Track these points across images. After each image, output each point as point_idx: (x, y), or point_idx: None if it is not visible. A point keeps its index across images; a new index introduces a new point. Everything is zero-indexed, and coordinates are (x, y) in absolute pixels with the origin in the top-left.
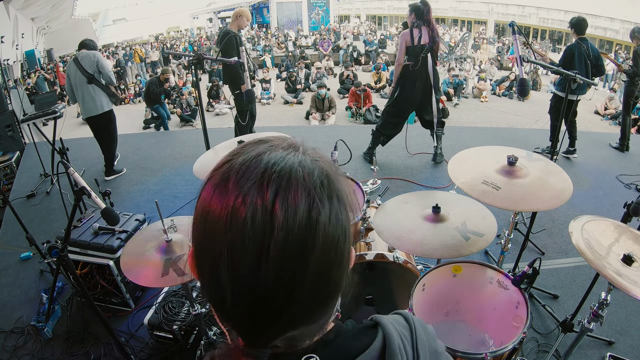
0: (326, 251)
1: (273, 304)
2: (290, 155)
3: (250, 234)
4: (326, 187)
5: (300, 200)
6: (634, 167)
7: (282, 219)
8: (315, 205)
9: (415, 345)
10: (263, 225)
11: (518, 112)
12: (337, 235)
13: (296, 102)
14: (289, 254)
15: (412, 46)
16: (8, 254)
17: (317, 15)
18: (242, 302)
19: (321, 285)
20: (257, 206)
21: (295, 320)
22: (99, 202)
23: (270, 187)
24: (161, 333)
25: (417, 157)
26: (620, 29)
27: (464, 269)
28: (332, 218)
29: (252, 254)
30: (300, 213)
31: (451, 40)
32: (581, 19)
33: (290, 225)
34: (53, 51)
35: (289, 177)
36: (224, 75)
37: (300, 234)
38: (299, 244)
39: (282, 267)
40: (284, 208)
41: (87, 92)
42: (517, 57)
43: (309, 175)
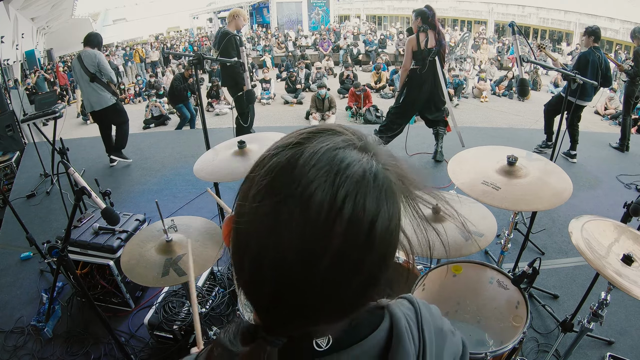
0: (377, 261)
1: (311, 301)
2: (364, 159)
3: (315, 225)
4: (390, 197)
5: (368, 206)
6: (634, 167)
7: (347, 221)
8: (379, 215)
9: (421, 325)
10: (330, 220)
11: (518, 112)
12: (392, 248)
13: (296, 102)
14: (346, 256)
15: (418, 50)
16: (8, 254)
17: (317, 15)
18: (282, 290)
19: (361, 293)
20: (327, 200)
21: (325, 319)
22: (99, 202)
23: (341, 187)
24: (161, 333)
25: (417, 157)
26: (620, 29)
27: (464, 269)
28: (390, 229)
29: (311, 246)
30: (365, 220)
31: (451, 40)
32: (598, 28)
33: (354, 229)
34: (53, 51)
35: (360, 182)
36: (223, 77)
37: (360, 240)
38: (358, 249)
39: (335, 267)
40: (351, 209)
41: (91, 89)
42: (517, 57)
43: (378, 184)
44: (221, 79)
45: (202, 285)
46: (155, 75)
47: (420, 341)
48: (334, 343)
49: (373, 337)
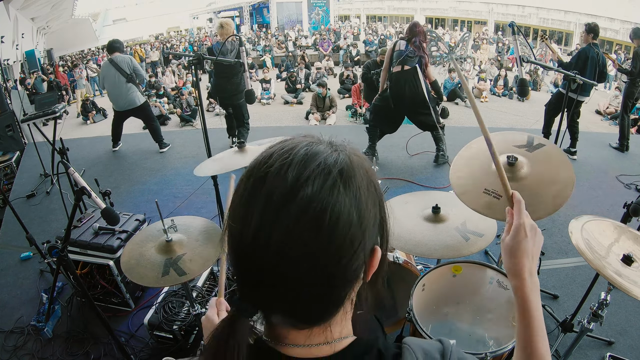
0: (331, 251)
1: (267, 277)
2: (331, 152)
3: (270, 203)
4: (352, 188)
5: (324, 194)
6: (634, 167)
7: (299, 204)
8: (336, 204)
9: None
10: (284, 200)
11: (518, 112)
12: (349, 241)
13: (296, 102)
14: (295, 237)
15: (398, 51)
16: (8, 254)
17: (317, 15)
18: (239, 261)
19: (315, 282)
20: (284, 182)
21: (283, 301)
22: (99, 202)
23: (301, 173)
24: (161, 333)
25: (417, 157)
26: (620, 29)
27: (464, 269)
28: (347, 220)
29: (264, 221)
30: (318, 206)
31: (451, 40)
32: (597, 25)
33: (306, 213)
34: (53, 51)
35: (322, 171)
36: (222, 84)
37: (310, 225)
38: (307, 232)
39: (285, 247)
40: (308, 194)
41: (125, 89)
42: (517, 57)
43: (342, 175)
44: (217, 88)
45: (202, 285)
46: (155, 75)
47: None
48: None
49: None
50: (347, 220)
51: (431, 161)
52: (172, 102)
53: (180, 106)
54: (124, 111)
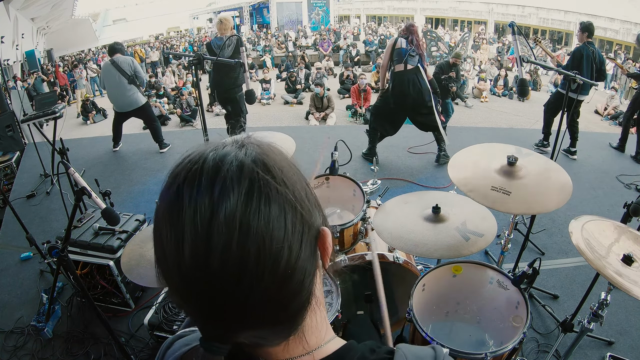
0: (235, 248)
1: (199, 296)
2: (227, 149)
3: (196, 221)
4: (247, 177)
5: (239, 193)
6: (634, 167)
7: (225, 215)
8: (224, 198)
9: None
10: (179, 219)
11: (518, 112)
12: (286, 230)
13: (296, 102)
14: (229, 251)
15: (399, 49)
16: (8, 254)
17: (317, 15)
18: (177, 291)
19: (269, 286)
20: (200, 199)
21: (233, 316)
22: (99, 202)
23: (206, 182)
24: (161, 333)
25: (417, 157)
26: (620, 29)
27: (464, 269)
28: (247, 211)
29: (172, 246)
30: (206, 210)
31: (451, 40)
32: (592, 24)
33: (199, 221)
34: (53, 51)
35: (201, 171)
36: (220, 79)
37: (241, 234)
38: (241, 243)
39: (194, 262)
40: (226, 202)
41: (126, 90)
42: (517, 57)
43: (233, 167)
44: (215, 83)
45: None
46: (155, 76)
47: None
48: None
49: None
50: (281, 218)
51: (431, 161)
52: (172, 102)
53: (180, 106)
54: (125, 112)
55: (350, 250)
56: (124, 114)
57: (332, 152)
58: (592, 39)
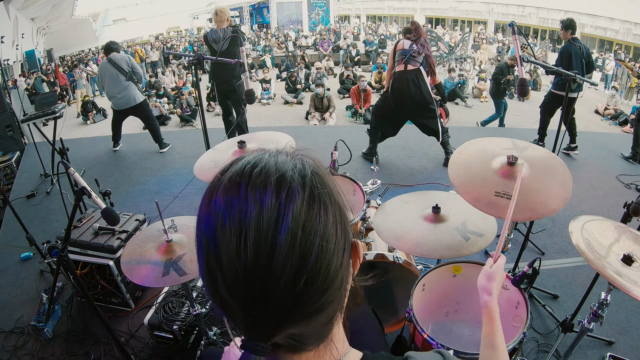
0: (298, 247)
1: (253, 291)
2: (283, 158)
3: (233, 225)
4: (308, 185)
5: (275, 197)
6: (634, 167)
7: (258, 211)
8: (291, 201)
9: None
10: (243, 216)
11: (518, 112)
12: (335, 242)
13: (296, 102)
14: (261, 246)
15: (401, 50)
16: (8, 254)
17: (317, 15)
18: (228, 288)
19: (297, 281)
20: (265, 204)
21: (281, 313)
22: (99, 202)
23: (271, 189)
24: (161, 333)
25: (417, 157)
26: (620, 29)
27: (464, 269)
28: (310, 216)
29: (233, 241)
30: (273, 209)
31: (451, 40)
32: (573, 20)
33: (265, 219)
34: (53, 51)
35: (266, 176)
36: (218, 71)
37: (302, 241)
38: (270, 239)
39: (256, 256)
40: (289, 210)
41: (124, 87)
42: (517, 57)
43: (286, 173)
44: (214, 74)
45: (203, 285)
46: (155, 76)
47: None
48: None
49: None
50: (334, 225)
51: (431, 161)
52: (172, 102)
53: (180, 106)
54: (123, 110)
55: None
56: (123, 112)
57: (332, 152)
58: (575, 34)
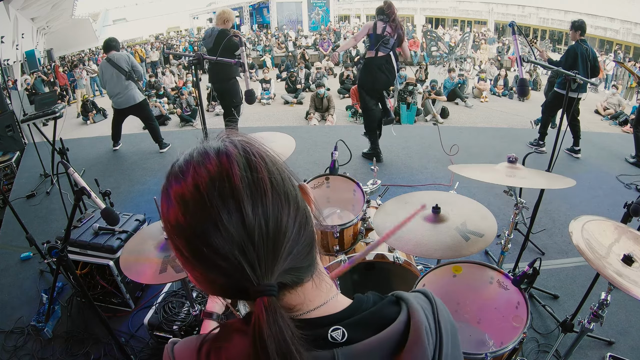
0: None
1: (255, 238)
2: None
3: (218, 191)
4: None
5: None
6: (634, 167)
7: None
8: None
9: (437, 318)
10: (224, 184)
11: (518, 112)
12: (294, 193)
13: (296, 102)
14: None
15: (374, 34)
16: (8, 254)
17: (317, 15)
18: (229, 245)
19: (301, 230)
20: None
21: (273, 254)
22: (99, 202)
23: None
24: (161, 333)
25: (417, 157)
26: (620, 29)
27: (464, 269)
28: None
29: (252, 209)
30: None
31: (451, 41)
32: (583, 21)
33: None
34: (53, 51)
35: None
36: (214, 73)
37: (285, 196)
38: (285, 203)
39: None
40: (274, 176)
41: (124, 87)
42: (517, 57)
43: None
44: (210, 73)
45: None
46: (155, 75)
47: (437, 334)
48: (351, 335)
49: (390, 329)
50: (288, 183)
51: (431, 161)
52: (172, 102)
53: (180, 106)
54: (123, 109)
55: (350, 250)
56: (123, 111)
57: (332, 152)
58: (584, 36)
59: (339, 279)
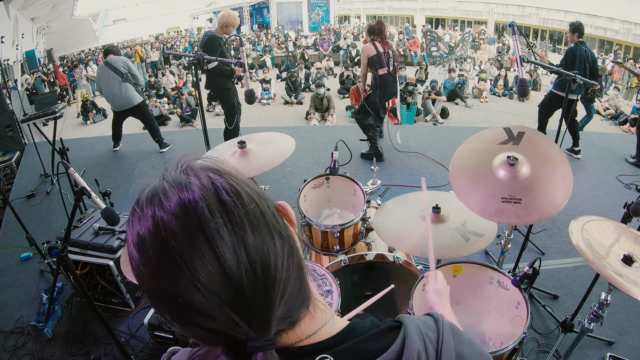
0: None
1: (242, 288)
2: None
3: (195, 240)
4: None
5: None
6: (634, 167)
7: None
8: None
9: (440, 349)
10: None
11: (518, 112)
12: (279, 225)
13: (296, 102)
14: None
15: (377, 54)
16: (8, 254)
17: (317, 15)
18: (216, 297)
19: (293, 271)
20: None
21: (273, 295)
22: (99, 202)
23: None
24: (161, 333)
25: (417, 157)
26: (620, 29)
27: (464, 269)
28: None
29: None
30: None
31: (451, 41)
32: (581, 23)
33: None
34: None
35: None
36: (208, 79)
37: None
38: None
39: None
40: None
41: (121, 89)
42: (517, 57)
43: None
44: (205, 82)
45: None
46: (155, 76)
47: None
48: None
49: (382, 358)
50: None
51: (431, 161)
52: (172, 102)
53: (180, 106)
54: (122, 111)
55: (350, 250)
56: (121, 113)
57: (332, 152)
58: (582, 38)
59: (339, 279)
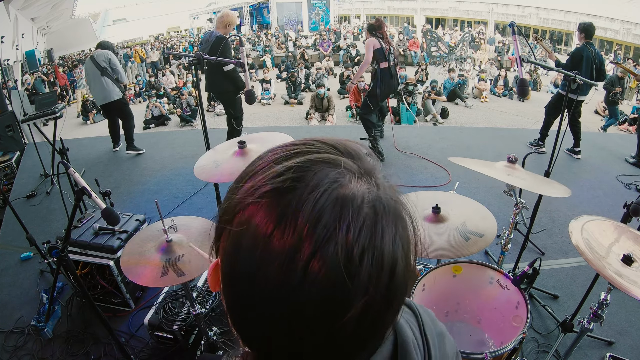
0: (394, 310)
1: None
2: (373, 191)
3: (334, 285)
4: (402, 229)
5: (387, 252)
6: (634, 167)
7: (368, 274)
8: (398, 257)
9: (424, 331)
10: (345, 289)
11: (518, 112)
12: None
13: (296, 102)
14: (370, 311)
15: (380, 48)
16: (8, 254)
17: (317, 15)
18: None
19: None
20: (337, 266)
21: None
22: (99, 202)
23: (356, 240)
24: (161, 333)
25: (416, 157)
26: (620, 29)
27: (464, 269)
28: (406, 267)
29: (332, 306)
30: (386, 267)
31: (451, 41)
32: (591, 25)
33: (377, 279)
34: (53, 51)
35: (373, 224)
36: (212, 81)
37: (383, 290)
38: (380, 301)
39: (360, 325)
40: (369, 268)
41: (100, 83)
42: (517, 57)
43: (389, 220)
44: (208, 84)
45: (202, 285)
46: (155, 76)
47: (425, 347)
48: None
49: (379, 352)
50: (406, 267)
51: (425, 161)
52: (172, 102)
53: (180, 106)
54: (104, 106)
55: None
56: (105, 109)
57: None
58: (591, 39)
59: None
